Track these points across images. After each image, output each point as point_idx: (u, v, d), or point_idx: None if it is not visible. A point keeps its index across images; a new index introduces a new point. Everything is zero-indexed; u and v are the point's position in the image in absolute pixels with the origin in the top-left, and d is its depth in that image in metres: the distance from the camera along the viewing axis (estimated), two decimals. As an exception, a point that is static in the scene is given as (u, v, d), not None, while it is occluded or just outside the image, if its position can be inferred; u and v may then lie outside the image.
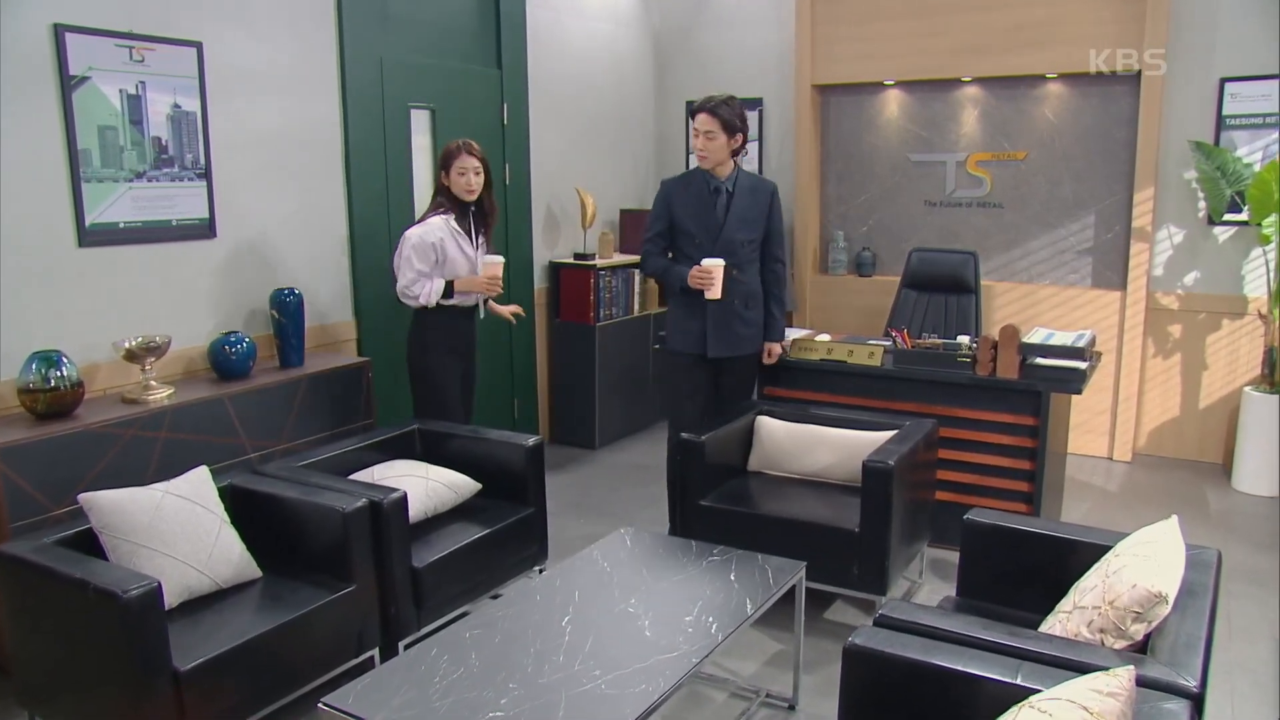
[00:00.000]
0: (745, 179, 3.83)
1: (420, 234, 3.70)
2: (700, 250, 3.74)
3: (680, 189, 3.83)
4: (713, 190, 3.77)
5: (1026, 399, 3.75)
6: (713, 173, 3.76)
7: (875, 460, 3.18)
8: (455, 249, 3.78)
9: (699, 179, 3.79)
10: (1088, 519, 4.39)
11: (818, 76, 5.71)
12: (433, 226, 3.73)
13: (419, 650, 2.37)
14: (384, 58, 4.32)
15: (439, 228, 3.73)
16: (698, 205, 3.77)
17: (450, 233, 3.75)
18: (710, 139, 3.67)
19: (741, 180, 3.81)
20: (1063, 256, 5.41)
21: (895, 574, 3.30)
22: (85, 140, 3.25)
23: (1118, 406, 5.24)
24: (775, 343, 3.96)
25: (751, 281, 3.84)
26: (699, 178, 3.79)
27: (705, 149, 3.70)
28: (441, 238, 3.72)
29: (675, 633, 2.43)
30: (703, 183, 3.78)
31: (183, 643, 2.45)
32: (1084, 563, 2.36)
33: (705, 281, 3.64)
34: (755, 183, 3.87)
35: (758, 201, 3.81)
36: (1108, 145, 5.19)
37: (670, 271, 3.83)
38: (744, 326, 3.83)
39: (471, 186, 3.74)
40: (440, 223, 3.74)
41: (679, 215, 3.79)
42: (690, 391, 3.89)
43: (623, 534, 3.07)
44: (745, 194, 3.79)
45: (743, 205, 3.78)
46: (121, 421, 3.10)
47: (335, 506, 2.82)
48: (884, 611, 2.12)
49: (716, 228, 3.75)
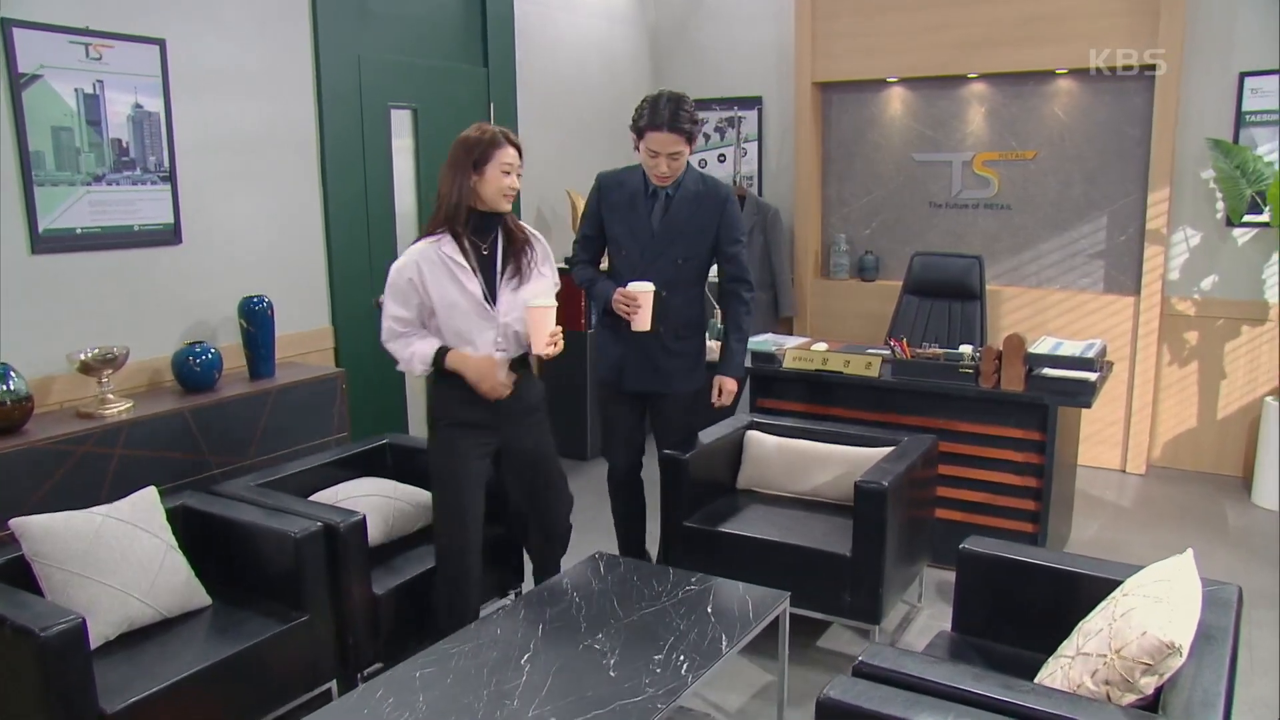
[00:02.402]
0: (693, 183, 3.18)
1: (397, 265, 2.75)
2: (629, 266, 3.20)
3: (614, 186, 3.24)
4: (649, 194, 3.18)
5: (1033, 413, 3.56)
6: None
7: (868, 481, 2.99)
8: (449, 286, 2.70)
9: (636, 178, 3.21)
10: (1099, 536, 4.18)
11: (818, 74, 5.52)
12: (411, 255, 2.71)
13: (363, 692, 2.21)
14: (362, 56, 4.15)
15: (422, 257, 2.70)
16: (629, 210, 3.19)
17: (441, 261, 2.69)
18: (675, 161, 3.05)
19: (687, 184, 3.17)
20: (1074, 260, 5.19)
21: (891, 600, 3.11)
22: (37, 142, 3.09)
23: (1131, 417, 5.02)
24: (730, 378, 3.31)
25: (687, 308, 3.25)
26: (637, 176, 3.21)
27: (670, 172, 3.08)
28: (421, 271, 2.69)
29: (642, 673, 2.25)
30: (639, 183, 3.19)
31: (114, 680, 2.29)
32: (1090, 597, 2.17)
33: (629, 309, 3.05)
34: (704, 189, 3.19)
35: (702, 212, 3.17)
36: (1121, 143, 4.97)
37: (596, 286, 3.25)
38: (669, 359, 3.25)
39: (512, 189, 2.74)
40: (426, 250, 2.70)
41: (609, 219, 3.25)
42: (613, 425, 3.41)
43: (596, 559, 2.89)
44: (687, 202, 3.16)
45: (682, 216, 3.16)
46: (73, 438, 2.94)
47: (287, 531, 2.66)
48: (864, 659, 1.93)
49: (648, 240, 3.18)
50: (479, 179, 2.69)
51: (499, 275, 2.76)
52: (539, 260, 2.86)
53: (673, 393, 3.31)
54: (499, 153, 2.69)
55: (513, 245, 2.80)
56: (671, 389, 3.30)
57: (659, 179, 3.11)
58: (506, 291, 2.77)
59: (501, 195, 2.72)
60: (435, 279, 2.69)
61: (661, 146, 3.02)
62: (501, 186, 2.71)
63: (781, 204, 5.67)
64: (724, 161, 5.96)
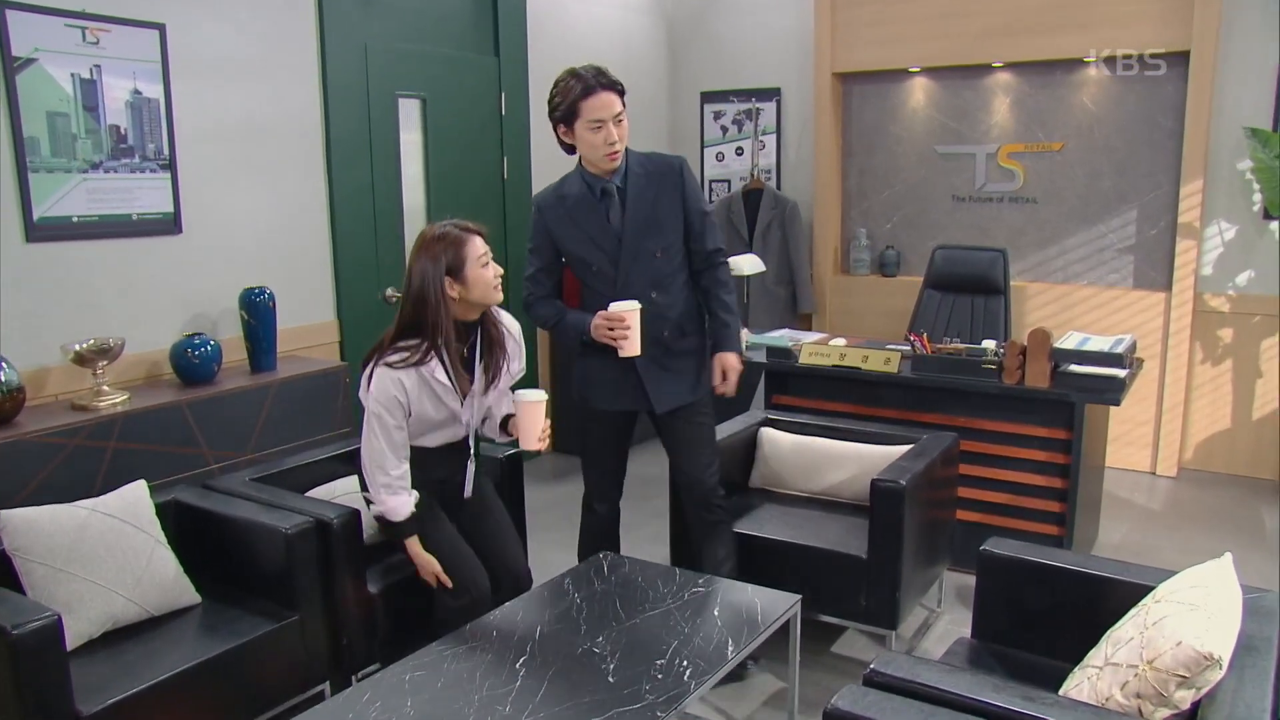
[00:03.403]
0: (638, 165, 2.81)
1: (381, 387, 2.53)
2: (605, 281, 2.82)
3: (554, 203, 2.83)
4: (599, 195, 2.79)
5: (1059, 410, 3.41)
6: (592, 172, 2.78)
7: (885, 480, 2.86)
8: (430, 404, 2.60)
9: (574, 185, 2.81)
10: (1127, 540, 4.02)
11: (838, 64, 5.38)
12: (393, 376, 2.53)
13: (350, 695, 2.11)
14: (369, 44, 4.07)
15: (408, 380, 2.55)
16: (583, 221, 2.80)
17: (427, 384, 2.57)
18: (620, 124, 2.71)
19: (634, 169, 2.80)
20: (1102, 255, 5.02)
21: (908, 604, 2.98)
22: (32, 127, 3.03)
23: (1162, 417, 4.85)
24: (731, 353, 2.93)
25: (679, 300, 2.88)
26: (575, 184, 2.81)
27: (620, 139, 2.71)
28: (406, 391, 2.55)
29: (642, 679, 2.13)
30: (579, 189, 2.80)
31: (94, 680, 2.20)
32: (1120, 604, 2.03)
33: (617, 334, 2.71)
34: (653, 165, 2.83)
35: (664, 190, 2.81)
36: (1152, 134, 4.80)
37: (566, 320, 2.89)
38: (679, 361, 2.90)
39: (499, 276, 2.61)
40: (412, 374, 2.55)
41: (564, 241, 2.84)
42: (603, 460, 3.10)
43: (601, 559, 2.78)
44: (641, 185, 2.79)
45: (643, 203, 2.78)
46: (65, 430, 2.87)
47: (278, 527, 2.56)
48: (876, 667, 1.80)
49: (614, 245, 2.79)
50: (462, 287, 2.54)
51: (475, 381, 2.68)
52: (510, 359, 2.79)
53: (697, 400, 2.95)
54: (469, 250, 2.54)
55: (492, 349, 2.71)
56: (696, 395, 2.94)
57: (611, 155, 2.71)
58: (476, 395, 2.70)
59: (492, 289, 2.59)
60: (419, 399, 2.58)
61: (605, 109, 2.66)
62: (489, 281, 2.58)
63: (800, 198, 5.54)
64: (741, 155, 5.84)
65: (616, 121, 2.69)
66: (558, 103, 2.71)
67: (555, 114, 2.73)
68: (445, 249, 2.52)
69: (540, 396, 2.59)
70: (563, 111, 2.70)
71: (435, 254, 2.52)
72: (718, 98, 5.88)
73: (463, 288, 2.54)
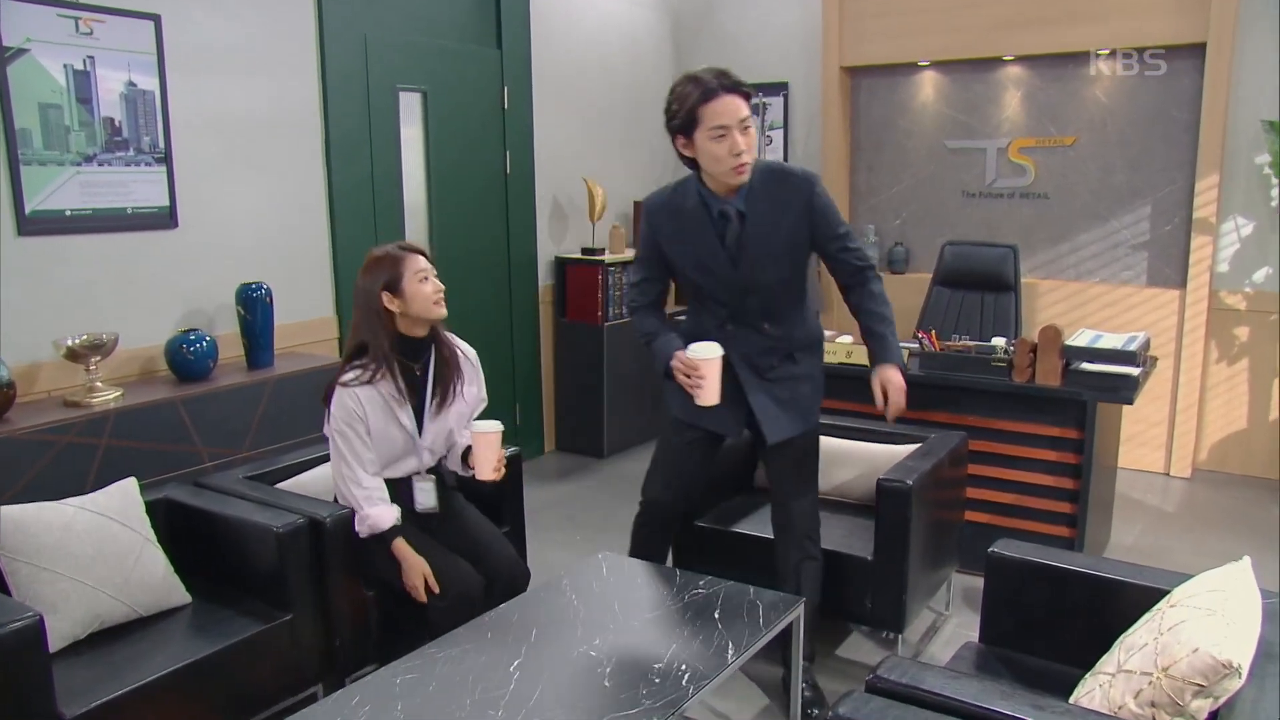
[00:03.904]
0: (763, 182, 2.50)
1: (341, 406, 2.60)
2: (714, 305, 2.62)
3: (667, 217, 2.60)
4: (716, 217, 2.53)
5: (1070, 409, 3.33)
6: (710, 187, 2.51)
7: (891, 479, 2.79)
8: (385, 421, 2.64)
9: (690, 197, 2.55)
10: (1140, 543, 3.93)
11: (847, 58, 5.31)
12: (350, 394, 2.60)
13: (339, 698, 2.05)
14: (368, 35, 4.02)
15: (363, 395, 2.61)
16: (695, 242, 2.56)
17: (382, 399, 2.63)
18: (748, 132, 2.41)
19: (757, 186, 2.49)
20: (1115, 252, 4.94)
21: (915, 607, 2.91)
22: (24, 119, 2.98)
23: (1176, 417, 4.76)
24: (887, 365, 2.62)
25: (795, 331, 2.65)
26: (692, 195, 2.54)
27: (748, 149, 2.41)
28: (363, 406, 2.61)
29: (639, 683, 2.07)
30: (695, 204, 2.53)
31: (78, 682, 2.15)
32: (1133, 608, 1.96)
33: (693, 382, 2.48)
34: (779, 182, 2.51)
35: (791, 215, 2.51)
36: (1167, 128, 4.71)
37: (656, 341, 2.65)
38: (790, 388, 2.67)
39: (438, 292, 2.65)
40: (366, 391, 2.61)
41: (674, 256, 2.63)
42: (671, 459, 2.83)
43: (600, 560, 2.71)
44: (765, 210, 2.49)
45: (766, 231, 2.50)
46: (55, 427, 2.82)
47: (269, 525, 2.51)
48: (879, 672, 1.74)
49: (728, 272, 2.56)
50: (401, 300, 2.60)
51: (427, 400, 2.71)
52: (465, 382, 2.80)
53: (809, 430, 2.72)
54: (407, 266, 2.60)
55: (444, 368, 2.74)
56: (809, 424, 2.71)
57: (738, 168, 2.42)
58: (432, 418, 2.73)
59: (431, 304, 2.62)
60: (376, 415, 2.63)
61: (730, 115, 2.37)
62: (427, 296, 2.61)
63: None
64: (748, 150, 5.76)
65: (743, 129, 2.40)
66: (675, 110, 2.44)
67: (673, 123, 2.46)
68: (385, 265, 2.59)
69: (495, 427, 2.58)
70: (681, 120, 2.42)
71: (375, 272, 2.59)
72: (724, 93, 5.79)
73: (401, 301, 2.59)
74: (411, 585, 2.58)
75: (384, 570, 2.66)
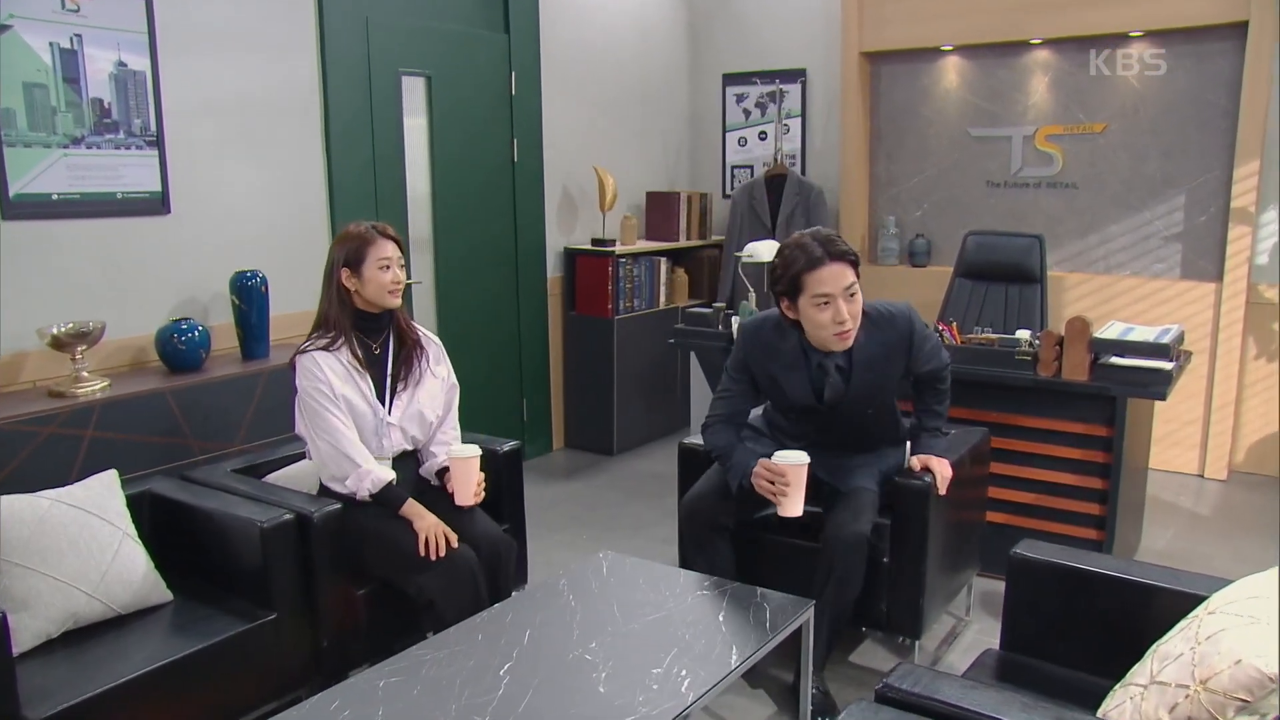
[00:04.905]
0: (868, 335, 2.54)
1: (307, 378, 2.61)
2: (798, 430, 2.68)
3: (763, 351, 2.62)
4: (814, 368, 2.57)
5: (1098, 405, 3.18)
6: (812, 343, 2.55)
7: (909, 478, 2.64)
8: (349, 389, 2.63)
9: (791, 340, 2.58)
10: (1173, 547, 3.76)
11: (866, 43, 5.15)
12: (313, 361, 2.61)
13: (317, 703, 1.94)
14: (370, 17, 3.91)
15: (325, 361, 2.61)
16: (789, 384, 2.61)
17: (343, 366, 2.63)
18: (854, 300, 2.45)
19: (861, 339, 2.53)
20: (1147, 244, 4.75)
21: (933, 612, 2.77)
22: (8, 99, 2.89)
23: (1211, 416, 4.58)
24: (926, 455, 2.69)
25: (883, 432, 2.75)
26: (791, 338, 2.57)
27: (852, 316, 2.45)
28: (327, 373, 2.60)
29: (636, 689, 1.94)
30: (797, 351, 2.57)
31: (46, 684, 2.06)
32: (1166, 615, 1.81)
33: (777, 489, 2.47)
34: (883, 329, 2.57)
35: (893, 356, 2.59)
36: (1203, 113, 4.52)
37: (734, 455, 2.63)
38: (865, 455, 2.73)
39: (395, 284, 2.65)
40: (327, 357, 2.61)
41: (764, 385, 2.68)
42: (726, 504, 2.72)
43: (600, 559, 2.59)
44: (869, 357, 2.55)
45: (869, 377, 2.57)
46: (37, 418, 2.72)
47: (253, 520, 2.40)
48: (891, 681, 1.60)
49: (823, 416, 2.63)
50: (358, 280, 2.64)
51: (388, 377, 2.71)
52: (431, 361, 2.80)
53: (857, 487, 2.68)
54: (372, 250, 2.63)
55: (404, 347, 2.75)
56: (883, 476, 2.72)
57: (841, 335, 2.45)
58: (399, 394, 2.72)
59: (385, 292, 2.65)
60: (337, 381, 2.62)
61: (834, 283, 2.40)
62: (383, 284, 2.64)
63: (826, 184, 5.32)
64: (765, 139, 5.62)
65: (848, 296, 2.43)
66: (779, 274, 2.50)
67: (777, 287, 2.52)
68: (352, 242, 2.63)
69: (474, 452, 2.59)
70: (785, 285, 2.48)
71: (342, 246, 2.64)
72: (740, 80, 5.66)
73: (358, 282, 2.63)
74: (432, 537, 2.51)
75: (377, 564, 2.56)
